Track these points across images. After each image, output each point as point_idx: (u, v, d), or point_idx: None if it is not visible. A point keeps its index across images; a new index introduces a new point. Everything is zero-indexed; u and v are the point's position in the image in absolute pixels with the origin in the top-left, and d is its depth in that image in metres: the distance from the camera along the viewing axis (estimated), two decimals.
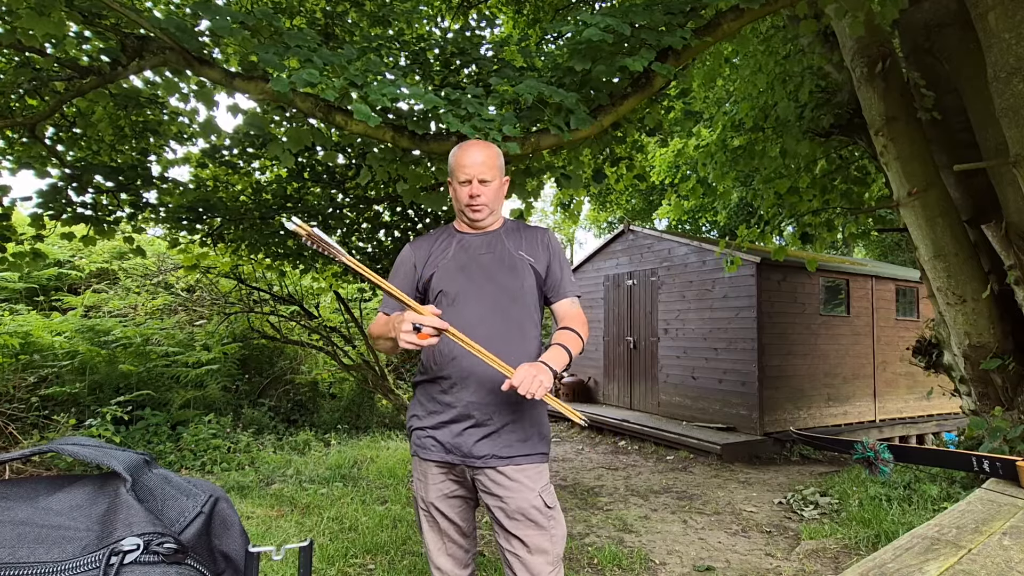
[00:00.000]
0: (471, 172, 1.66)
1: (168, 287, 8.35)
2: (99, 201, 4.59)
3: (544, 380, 1.43)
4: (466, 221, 1.75)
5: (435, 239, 1.79)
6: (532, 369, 1.44)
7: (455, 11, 6.81)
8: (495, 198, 1.72)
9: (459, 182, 1.69)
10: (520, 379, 1.41)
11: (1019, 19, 3.22)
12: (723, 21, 3.11)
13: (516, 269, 1.70)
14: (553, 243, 1.79)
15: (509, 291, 1.68)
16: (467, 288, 1.67)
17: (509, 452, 1.61)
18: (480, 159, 1.67)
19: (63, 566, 0.41)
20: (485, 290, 1.67)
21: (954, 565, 1.09)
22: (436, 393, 1.67)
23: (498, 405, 1.61)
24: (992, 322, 4.24)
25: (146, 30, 2.90)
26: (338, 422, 7.59)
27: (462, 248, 1.74)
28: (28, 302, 7.13)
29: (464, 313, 1.63)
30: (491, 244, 1.73)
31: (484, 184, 1.67)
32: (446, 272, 1.70)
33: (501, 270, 1.69)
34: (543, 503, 1.61)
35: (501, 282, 1.68)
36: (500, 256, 1.71)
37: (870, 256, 18.66)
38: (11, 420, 4.84)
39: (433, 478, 1.67)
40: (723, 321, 7.77)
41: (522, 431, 1.64)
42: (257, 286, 7.99)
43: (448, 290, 1.68)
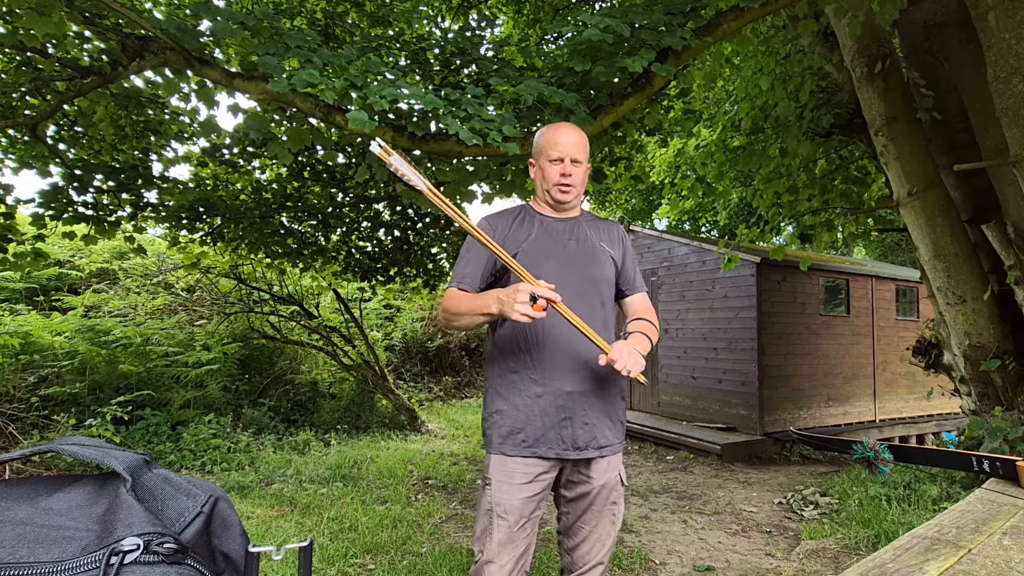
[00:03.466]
0: (564, 151, 1.62)
1: (168, 287, 8.35)
2: (100, 200, 4.59)
3: (640, 359, 1.44)
4: (550, 202, 1.70)
5: (513, 217, 1.72)
6: (628, 346, 1.45)
7: (455, 11, 6.81)
8: (583, 182, 1.70)
9: (549, 160, 1.64)
10: (619, 354, 1.40)
11: (1019, 19, 3.22)
12: (723, 21, 3.11)
13: (600, 259, 1.68)
14: (626, 237, 1.80)
15: (594, 281, 1.66)
16: (554, 273, 1.58)
17: (605, 441, 1.61)
18: (574, 139, 1.64)
19: (63, 566, 0.41)
20: (571, 278, 1.61)
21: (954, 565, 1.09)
22: (526, 383, 1.59)
23: (590, 394, 1.59)
24: (992, 322, 4.23)
25: (147, 30, 2.90)
26: (338, 422, 7.59)
27: (545, 231, 1.68)
28: (28, 302, 7.14)
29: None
30: (574, 231, 1.70)
31: (576, 164, 1.64)
32: (529, 254, 1.62)
33: (586, 259, 1.67)
34: (621, 481, 1.69)
35: (587, 271, 1.65)
36: (584, 244, 1.69)
37: (870, 256, 18.65)
38: (11, 420, 4.84)
39: (522, 477, 1.57)
40: (723, 321, 7.77)
41: (611, 418, 1.64)
42: (257, 286, 7.99)
43: (533, 273, 1.57)
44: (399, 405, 8.00)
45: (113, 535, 0.40)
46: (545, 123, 3.15)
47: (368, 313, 10.33)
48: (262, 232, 5.22)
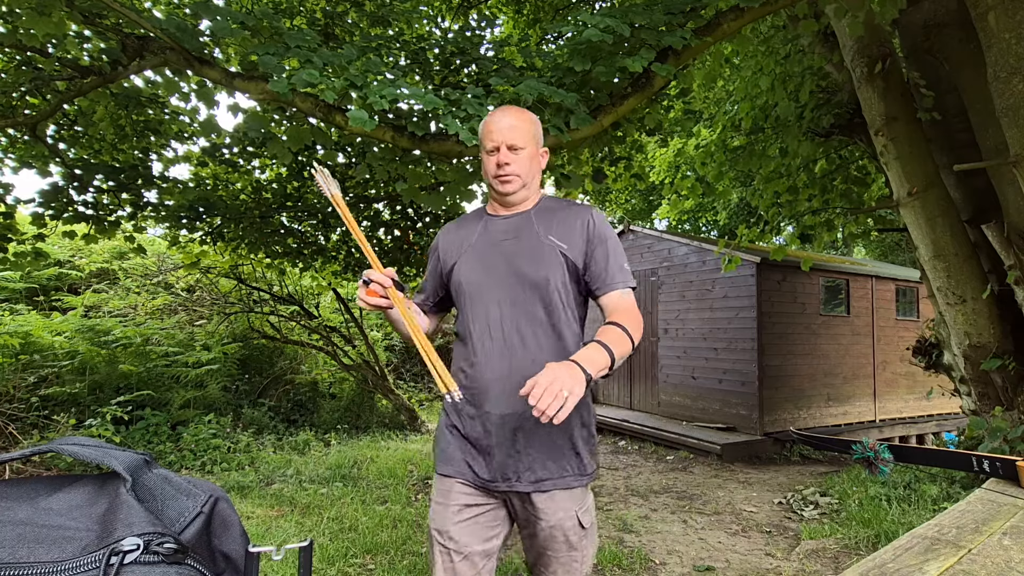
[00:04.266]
0: (498, 138, 1.42)
1: (168, 287, 8.35)
2: (100, 200, 4.59)
3: (569, 390, 1.08)
4: (495, 197, 1.50)
5: (464, 223, 1.56)
6: (552, 374, 1.09)
7: (455, 11, 6.81)
8: (528, 169, 1.46)
9: (486, 151, 1.45)
10: (539, 385, 1.07)
11: (1019, 19, 3.22)
12: (723, 21, 3.11)
13: (542, 258, 1.41)
14: (596, 225, 1.46)
15: (532, 285, 1.40)
16: (485, 282, 1.42)
17: (546, 474, 1.36)
18: (509, 122, 1.43)
19: (63, 566, 0.41)
20: (506, 284, 1.40)
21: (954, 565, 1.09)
22: (461, 404, 1.44)
23: (527, 419, 1.35)
24: (992, 322, 4.24)
25: (146, 30, 2.90)
26: (338, 422, 7.59)
27: (486, 233, 1.49)
28: (28, 302, 7.14)
29: (482, 312, 1.42)
30: (518, 228, 1.47)
31: (514, 152, 1.43)
32: (466, 262, 1.46)
33: (524, 259, 1.41)
34: (577, 523, 1.38)
35: (525, 274, 1.40)
36: (525, 242, 1.44)
37: (870, 256, 18.66)
38: (11, 420, 4.84)
39: (456, 502, 1.40)
40: (723, 321, 7.77)
41: (558, 449, 1.38)
42: (257, 286, 7.99)
43: (466, 284, 1.44)
44: (399, 405, 8.00)
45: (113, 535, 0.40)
46: (545, 123, 3.15)
47: (368, 313, 10.32)
48: (262, 232, 5.22)
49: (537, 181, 1.52)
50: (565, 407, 1.06)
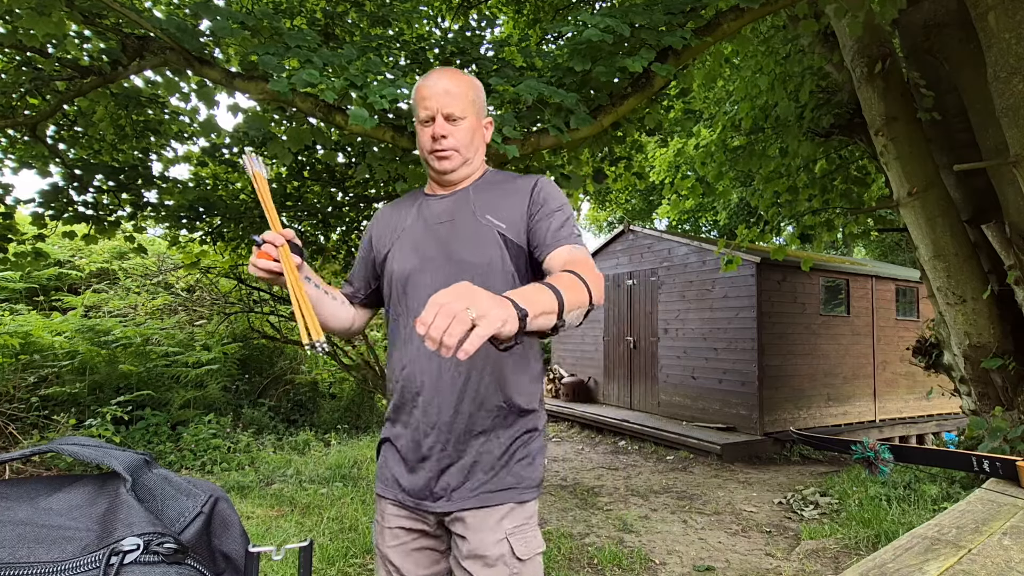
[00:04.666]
0: (432, 105, 1.21)
1: (168, 287, 8.35)
2: (100, 200, 4.59)
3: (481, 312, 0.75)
4: (432, 176, 1.31)
5: (399, 206, 1.38)
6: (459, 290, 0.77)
7: (455, 11, 6.81)
8: (469, 142, 1.26)
9: (420, 121, 1.24)
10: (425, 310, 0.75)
11: (1019, 19, 3.22)
12: (723, 21, 3.11)
13: (479, 241, 1.22)
14: (540, 193, 1.26)
15: (472, 271, 1.18)
16: (418, 272, 1.24)
17: (471, 490, 1.17)
18: (444, 86, 1.22)
19: (63, 566, 0.41)
20: (440, 272, 1.21)
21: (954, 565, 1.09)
22: (392, 415, 1.28)
23: (455, 430, 1.18)
24: (992, 322, 4.24)
25: (146, 30, 2.90)
26: (338, 422, 7.59)
27: (420, 216, 1.30)
28: (28, 302, 7.14)
29: (414, 306, 1.24)
30: (455, 208, 1.28)
31: (453, 122, 1.23)
32: (399, 249, 1.29)
33: (460, 243, 1.23)
34: (509, 551, 1.14)
35: (462, 259, 1.22)
36: (460, 225, 1.25)
37: (870, 256, 18.66)
38: (11, 420, 4.84)
39: (391, 524, 1.25)
40: (723, 321, 7.77)
41: (488, 462, 1.19)
42: (257, 286, 7.99)
43: (398, 273, 1.27)
44: None
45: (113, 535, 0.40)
46: (545, 123, 3.15)
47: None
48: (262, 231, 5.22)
49: (480, 155, 1.33)
50: (474, 336, 0.72)
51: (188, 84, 4.15)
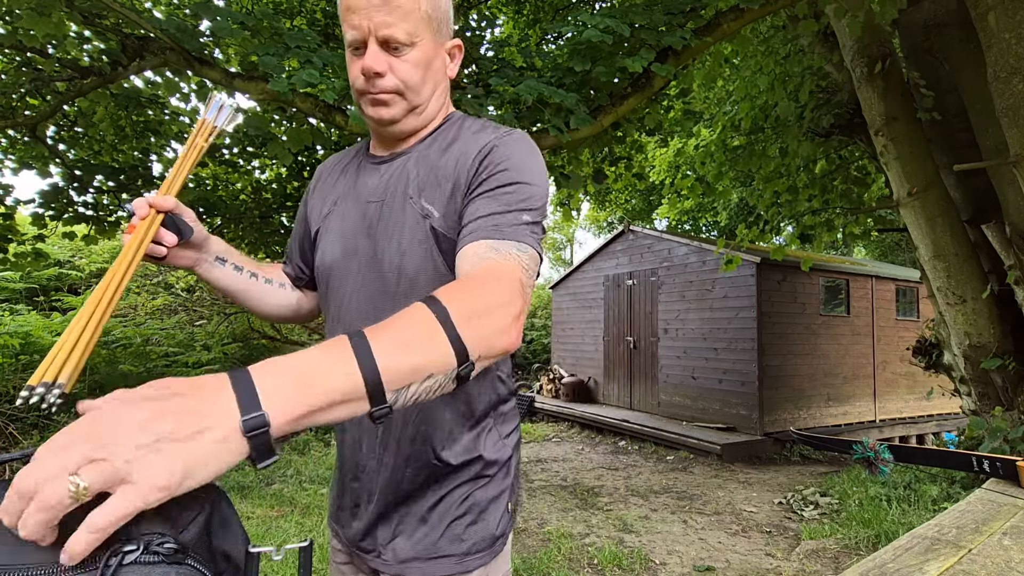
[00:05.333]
0: (362, 22, 0.80)
1: (168, 287, 8.35)
2: (100, 201, 4.60)
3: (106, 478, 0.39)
4: (370, 125, 0.93)
5: (339, 165, 1.03)
6: (74, 434, 0.44)
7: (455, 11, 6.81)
8: (420, 81, 0.86)
9: (348, 46, 0.84)
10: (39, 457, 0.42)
11: (1019, 19, 3.22)
12: (723, 21, 3.11)
13: (405, 235, 0.87)
14: (496, 154, 0.83)
15: (393, 279, 0.87)
16: (341, 267, 0.93)
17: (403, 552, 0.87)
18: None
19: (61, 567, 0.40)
20: (362, 275, 0.90)
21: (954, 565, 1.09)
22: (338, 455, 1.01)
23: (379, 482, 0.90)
24: (992, 322, 4.24)
25: (147, 31, 2.90)
26: None
27: (354, 186, 0.96)
28: (28, 302, 7.14)
29: (335, 311, 0.94)
30: (388, 181, 0.91)
31: (394, 51, 0.83)
32: (326, 232, 0.97)
33: (385, 237, 0.88)
34: None
35: (382, 261, 0.88)
36: (392, 207, 0.89)
37: (870, 256, 18.66)
38: (11, 420, 4.84)
39: (336, 555, 1.01)
40: (723, 321, 7.78)
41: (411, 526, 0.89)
42: None
43: (322, 264, 0.97)
44: None
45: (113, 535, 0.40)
46: (545, 123, 3.15)
47: None
48: (262, 232, 5.22)
49: (439, 96, 0.92)
50: (91, 525, 0.38)
51: (188, 84, 4.16)
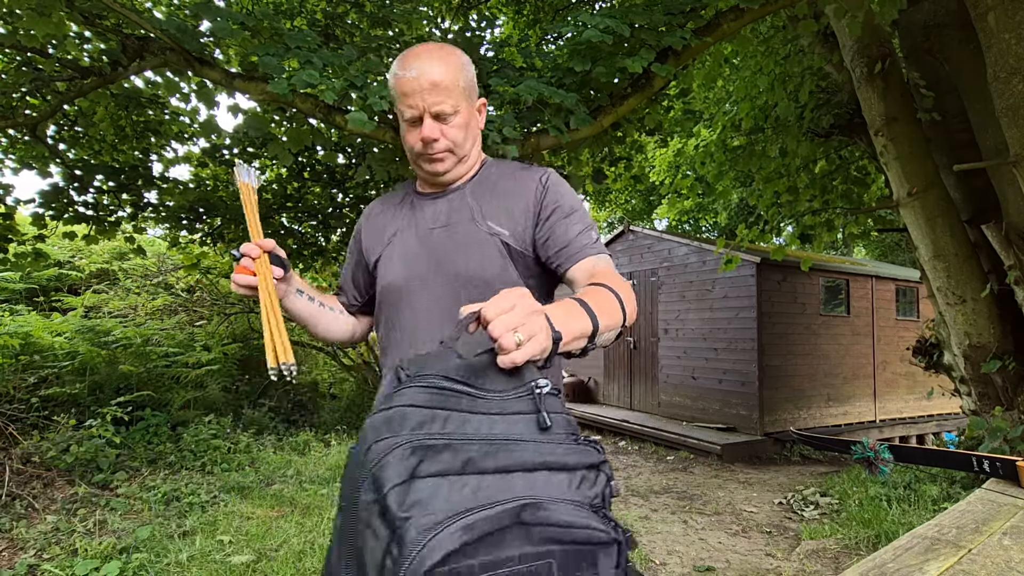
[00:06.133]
0: (418, 103, 1.03)
1: (168, 287, 8.35)
2: (100, 201, 4.60)
3: (527, 333, 0.68)
4: (424, 176, 1.15)
5: (388, 203, 1.23)
6: (508, 300, 0.70)
7: (455, 12, 6.81)
8: (464, 138, 1.09)
9: (404, 119, 1.07)
10: (495, 314, 0.68)
11: (1019, 19, 3.22)
12: (723, 21, 3.11)
13: (479, 251, 1.08)
14: (547, 191, 1.11)
15: (472, 286, 1.06)
16: (411, 286, 1.10)
17: None
18: (430, 78, 1.02)
19: (507, 394, 0.67)
20: (436, 286, 1.08)
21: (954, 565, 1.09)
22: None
23: None
24: (992, 322, 4.24)
25: (147, 31, 2.90)
26: (338, 422, 7.59)
27: (412, 219, 1.16)
28: (28, 302, 7.14)
29: (408, 324, 1.10)
30: (450, 211, 1.13)
31: (443, 121, 1.05)
32: (389, 258, 1.14)
33: (458, 254, 1.08)
34: None
35: (458, 272, 1.07)
36: (455, 230, 1.10)
37: (870, 256, 18.66)
38: (11, 421, 4.84)
39: None
40: (723, 321, 7.78)
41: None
42: None
43: (389, 285, 1.13)
44: None
45: (531, 382, 0.70)
46: (545, 124, 3.15)
47: None
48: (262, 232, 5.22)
49: (477, 146, 1.15)
50: (533, 344, 0.68)
51: (188, 85, 4.16)
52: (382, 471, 0.53)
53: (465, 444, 0.57)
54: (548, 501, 0.56)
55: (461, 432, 0.58)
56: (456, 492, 0.54)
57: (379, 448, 0.55)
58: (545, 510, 0.55)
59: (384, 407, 0.59)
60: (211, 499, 4.43)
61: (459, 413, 0.61)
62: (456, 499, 0.53)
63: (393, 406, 0.59)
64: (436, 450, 0.55)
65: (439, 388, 0.62)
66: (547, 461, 0.60)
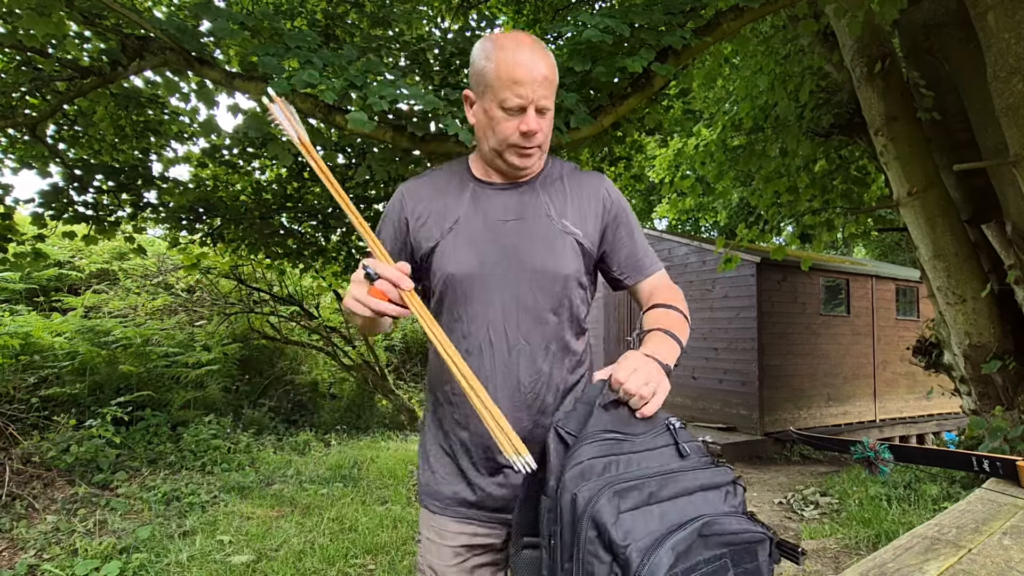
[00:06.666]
0: (528, 94, 1.00)
1: (168, 287, 8.35)
2: (100, 200, 4.60)
3: (656, 385, 0.87)
4: (501, 167, 1.10)
5: (439, 184, 1.15)
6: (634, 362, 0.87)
7: (455, 11, 6.81)
8: (550, 133, 1.10)
9: (504, 107, 1.01)
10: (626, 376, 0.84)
11: (1019, 19, 3.22)
12: (723, 21, 3.11)
13: (557, 248, 1.08)
14: (613, 199, 1.15)
15: (548, 282, 1.07)
16: (483, 276, 1.06)
17: None
18: (543, 71, 1.01)
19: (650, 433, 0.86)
20: (510, 279, 1.06)
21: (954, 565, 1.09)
22: (446, 426, 1.13)
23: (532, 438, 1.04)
24: (992, 322, 4.24)
25: (147, 31, 2.90)
26: (338, 422, 7.59)
27: (477, 208, 1.10)
28: (28, 303, 7.13)
29: (479, 316, 1.07)
30: (523, 204, 1.10)
31: (543, 116, 1.04)
32: (455, 246, 1.08)
33: (534, 248, 1.07)
34: None
35: (535, 267, 1.07)
36: (531, 226, 1.09)
37: (870, 256, 18.66)
38: (11, 421, 4.84)
39: (451, 538, 1.11)
40: (723, 321, 7.77)
41: None
42: (257, 286, 7.99)
43: (458, 275, 1.07)
44: (399, 405, 8.00)
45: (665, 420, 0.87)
46: None
47: None
48: (262, 233, 5.22)
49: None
50: (657, 399, 0.87)
51: (188, 84, 4.15)
52: (600, 514, 0.72)
53: (645, 482, 0.76)
54: (719, 516, 0.76)
55: (635, 471, 0.79)
56: (650, 520, 0.74)
57: (585, 495, 0.73)
58: (719, 524, 0.75)
59: (576, 463, 0.78)
60: (211, 499, 4.43)
61: (625, 455, 0.81)
62: (652, 526, 0.73)
63: (582, 460, 0.77)
64: (628, 490, 0.74)
65: (606, 441, 0.81)
66: (703, 484, 0.80)
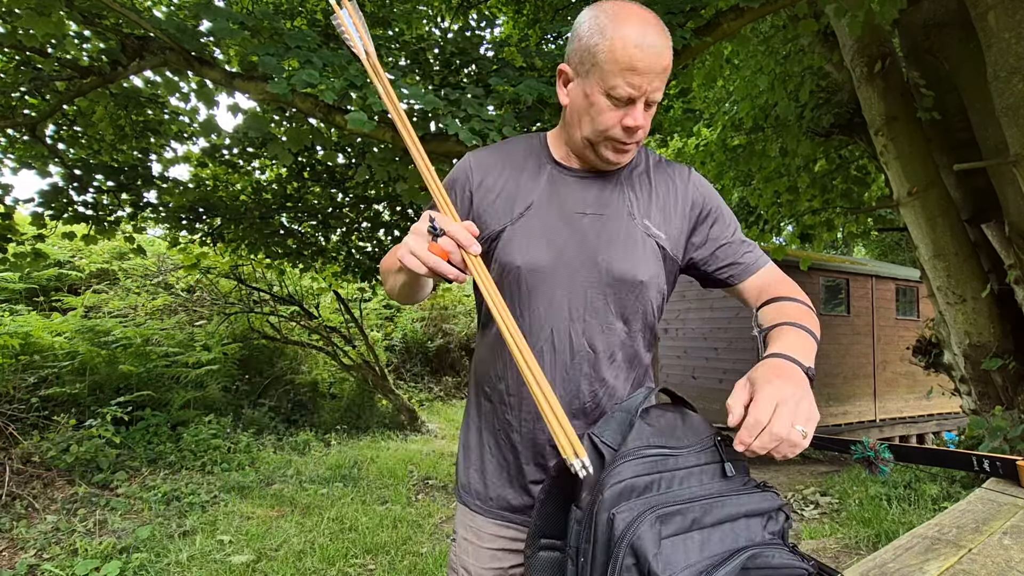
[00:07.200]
0: (642, 84, 0.88)
1: (168, 287, 8.35)
2: (100, 200, 4.60)
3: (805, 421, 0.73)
4: (590, 157, 0.99)
5: (516, 161, 1.05)
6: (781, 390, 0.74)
7: (455, 11, 6.81)
8: (648, 128, 0.98)
9: (612, 96, 0.89)
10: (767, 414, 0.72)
11: (1019, 19, 3.22)
12: (723, 21, 3.11)
13: (640, 252, 0.98)
14: (704, 193, 1.05)
15: (626, 288, 0.98)
16: (552, 270, 0.97)
17: None
18: (663, 62, 0.88)
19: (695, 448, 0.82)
20: (580, 279, 0.97)
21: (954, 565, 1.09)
22: (496, 425, 1.04)
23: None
24: (992, 321, 4.24)
25: (146, 31, 2.90)
26: (338, 422, 7.59)
27: (554, 195, 1.00)
28: (28, 302, 7.13)
29: (542, 311, 0.97)
30: (603, 198, 1.00)
31: (649, 108, 0.93)
32: (525, 235, 0.98)
33: (614, 249, 0.97)
34: None
35: (612, 269, 0.97)
36: (615, 223, 0.98)
37: (870, 255, 18.66)
38: (11, 420, 4.84)
39: (488, 540, 1.04)
40: (723, 321, 7.78)
41: None
42: (257, 286, 7.99)
43: (524, 268, 0.97)
44: (399, 405, 8.00)
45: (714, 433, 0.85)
46: (545, 123, 3.14)
47: (368, 313, 10.33)
48: (262, 232, 5.23)
49: None
50: (807, 440, 0.73)
51: (188, 84, 4.16)
52: (640, 541, 0.67)
53: (687, 507, 0.72)
54: (764, 548, 0.74)
55: (677, 492, 0.75)
56: (690, 549, 0.70)
57: (625, 517, 0.69)
58: (763, 557, 0.73)
59: (616, 480, 0.72)
60: (211, 499, 4.43)
61: (668, 473, 0.76)
62: (692, 556, 0.70)
63: (624, 479, 0.72)
64: (670, 515, 0.70)
65: (649, 457, 0.75)
66: (747, 510, 0.77)
